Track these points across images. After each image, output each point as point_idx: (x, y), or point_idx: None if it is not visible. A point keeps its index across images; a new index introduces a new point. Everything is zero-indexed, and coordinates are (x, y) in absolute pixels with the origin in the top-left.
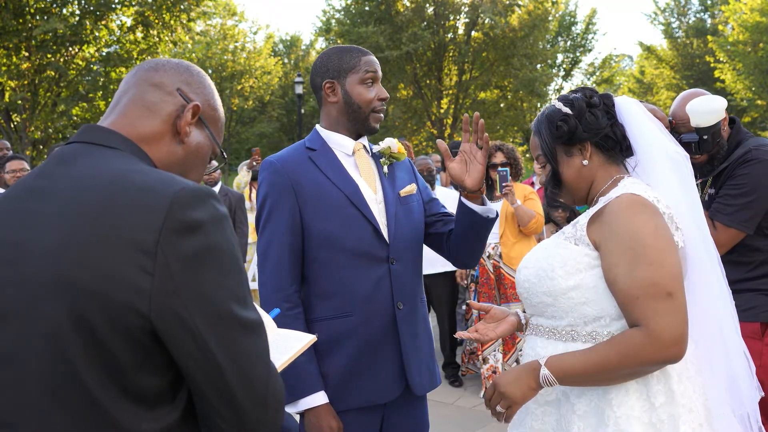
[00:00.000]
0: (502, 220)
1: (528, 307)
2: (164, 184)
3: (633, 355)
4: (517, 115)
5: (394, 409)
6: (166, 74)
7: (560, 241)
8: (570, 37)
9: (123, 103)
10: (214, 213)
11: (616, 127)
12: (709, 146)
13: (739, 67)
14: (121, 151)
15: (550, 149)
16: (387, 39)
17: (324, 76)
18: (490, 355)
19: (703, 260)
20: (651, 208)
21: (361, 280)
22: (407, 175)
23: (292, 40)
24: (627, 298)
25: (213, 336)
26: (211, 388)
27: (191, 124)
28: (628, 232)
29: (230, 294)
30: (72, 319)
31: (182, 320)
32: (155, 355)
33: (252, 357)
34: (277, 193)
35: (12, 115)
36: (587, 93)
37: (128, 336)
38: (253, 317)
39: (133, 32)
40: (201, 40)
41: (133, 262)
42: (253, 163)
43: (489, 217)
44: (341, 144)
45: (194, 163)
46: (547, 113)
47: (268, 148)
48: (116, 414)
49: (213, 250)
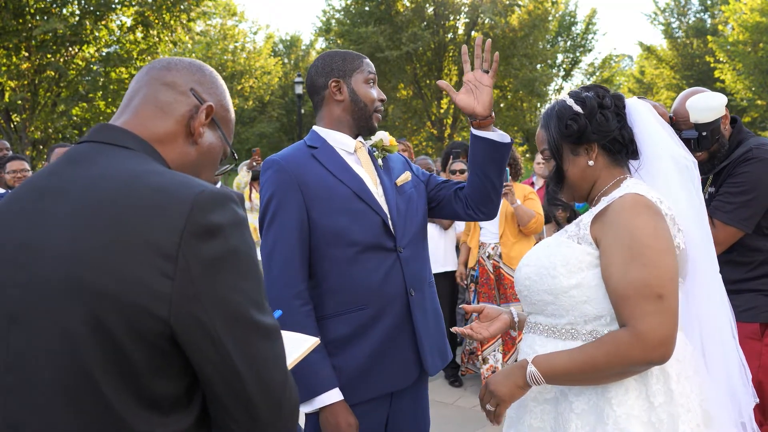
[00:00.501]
0: (501, 220)
1: (527, 305)
2: (183, 187)
3: (620, 355)
4: (517, 115)
5: (401, 395)
6: (179, 74)
7: (563, 240)
8: (570, 37)
9: (135, 103)
10: (235, 217)
11: (624, 130)
12: (708, 143)
13: (739, 67)
14: (135, 151)
15: (557, 146)
16: (387, 39)
17: (329, 75)
18: (489, 355)
19: (705, 266)
20: (653, 209)
21: (372, 272)
22: (401, 165)
23: (292, 40)
24: (618, 297)
25: (232, 340)
26: (229, 392)
27: (204, 125)
28: (627, 232)
29: (249, 298)
30: (89, 322)
31: (202, 325)
32: (173, 360)
33: (269, 362)
34: (283, 191)
35: (12, 115)
36: (600, 93)
37: (146, 341)
38: (270, 322)
39: (133, 32)
40: (201, 40)
41: (152, 266)
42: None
43: (506, 142)
44: (342, 142)
45: (206, 164)
46: (557, 109)
47: (268, 148)
48: (129, 419)
49: (233, 254)
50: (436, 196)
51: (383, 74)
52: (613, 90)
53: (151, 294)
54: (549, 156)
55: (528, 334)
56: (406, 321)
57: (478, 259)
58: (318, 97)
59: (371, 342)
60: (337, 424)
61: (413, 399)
